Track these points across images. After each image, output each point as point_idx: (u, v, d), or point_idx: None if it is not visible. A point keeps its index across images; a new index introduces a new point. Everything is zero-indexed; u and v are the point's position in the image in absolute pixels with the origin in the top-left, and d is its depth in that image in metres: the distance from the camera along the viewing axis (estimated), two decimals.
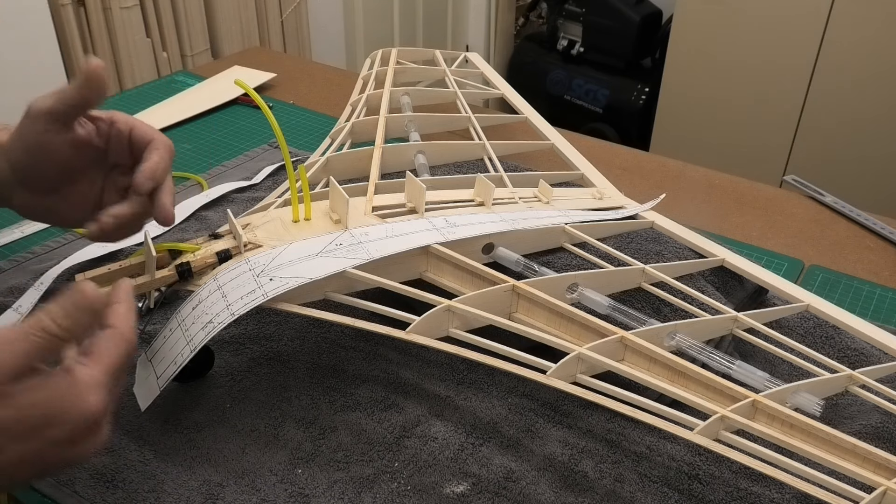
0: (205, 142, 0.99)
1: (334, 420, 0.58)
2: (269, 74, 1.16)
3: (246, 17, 1.82)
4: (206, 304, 0.52)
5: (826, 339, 0.66)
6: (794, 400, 0.50)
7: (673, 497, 0.52)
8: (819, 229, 0.85)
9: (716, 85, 2.09)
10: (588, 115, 2.50)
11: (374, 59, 1.00)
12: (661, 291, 0.61)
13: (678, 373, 0.51)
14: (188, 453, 0.55)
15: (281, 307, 0.53)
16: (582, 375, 0.50)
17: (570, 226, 0.65)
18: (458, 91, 0.92)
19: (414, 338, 0.51)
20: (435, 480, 0.53)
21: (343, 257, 0.54)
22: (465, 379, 0.62)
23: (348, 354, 0.64)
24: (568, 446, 0.56)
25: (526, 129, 0.92)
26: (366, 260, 0.54)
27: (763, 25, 1.96)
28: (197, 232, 0.79)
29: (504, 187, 0.71)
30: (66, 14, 1.44)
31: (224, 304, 0.51)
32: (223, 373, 0.62)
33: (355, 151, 0.74)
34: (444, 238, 0.58)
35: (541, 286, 0.55)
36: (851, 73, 1.89)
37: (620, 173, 0.92)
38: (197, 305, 0.52)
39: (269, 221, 0.59)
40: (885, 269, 0.78)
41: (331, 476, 0.53)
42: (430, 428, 0.57)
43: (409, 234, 0.58)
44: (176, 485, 0.52)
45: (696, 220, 0.80)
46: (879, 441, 0.56)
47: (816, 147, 2.00)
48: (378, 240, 0.57)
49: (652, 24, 2.39)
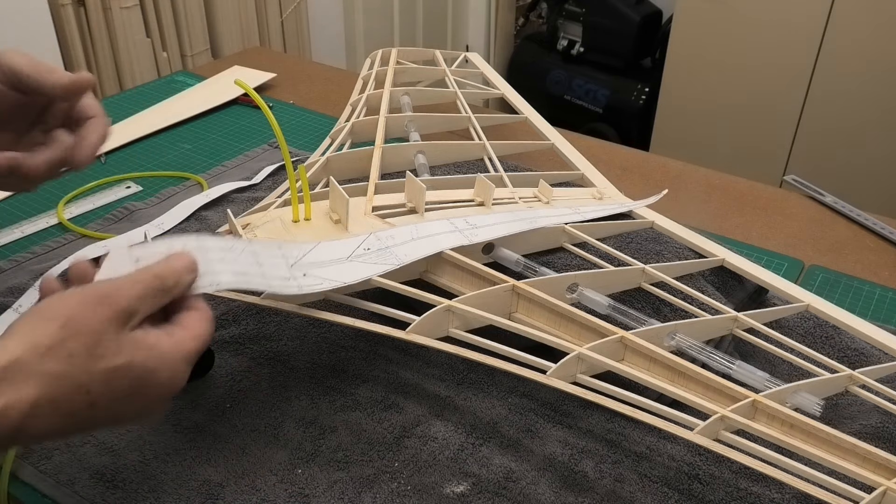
0: (205, 142, 0.99)
1: (334, 420, 0.58)
2: (269, 74, 1.16)
3: (246, 17, 1.82)
4: (236, 257, 0.50)
5: (826, 339, 0.66)
6: (794, 400, 0.50)
7: (673, 497, 0.52)
8: (819, 229, 0.85)
9: (716, 85, 2.09)
10: (588, 115, 2.49)
11: (374, 60, 1.00)
12: (661, 291, 0.61)
13: (678, 373, 0.51)
14: (188, 453, 0.55)
15: (281, 307, 0.53)
16: (582, 375, 0.50)
17: (570, 226, 0.65)
18: (458, 91, 0.92)
19: (414, 338, 0.51)
20: (435, 480, 0.53)
21: (373, 263, 0.55)
22: (465, 379, 0.62)
23: (348, 354, 0.64)
24: (568, 446, 0.56)
25: (526, 129, 0.92)
26: (395, 266, 0.55)
27: (763, 25, 1.96)
28: (197, 232, 0.79)
29: (504, 187, 0.71)
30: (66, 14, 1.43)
31: (258, 270, 0.50)
32: (223, 373, 0.62)
33: (355, 151, 0.74)
34: (468, 241, 0.58)
35: (541, 286, 0.55)
36: (851, 73, 1.89)
37: (620, 173, 0.92)
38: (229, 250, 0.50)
39: (269, 221, 0.59)
40: (885, 269, 0.78)
41: (331, 476, 0.53)
42: (430, 428, 0.57)
43: (435, 236, 0.58)
44: (176, 485, 0.52)
45: (696, 220, 0.80)
46: (879, 441, 0.56)
47: (816, 147, 2.00)
48: (405, 243, 0.57)
49: (652, 24, 2.39)
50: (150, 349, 0.40)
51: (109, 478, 0.53)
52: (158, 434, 0.56)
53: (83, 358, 0.38)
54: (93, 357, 0.38)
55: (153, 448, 0.55)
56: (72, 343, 0.38)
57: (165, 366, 0.40)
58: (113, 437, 0.56)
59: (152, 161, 0.94)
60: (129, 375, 0.39)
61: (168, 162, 0.94)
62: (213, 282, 0.46)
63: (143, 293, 0.41)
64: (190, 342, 0.42)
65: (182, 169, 0.92)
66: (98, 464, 0.54)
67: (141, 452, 0.55)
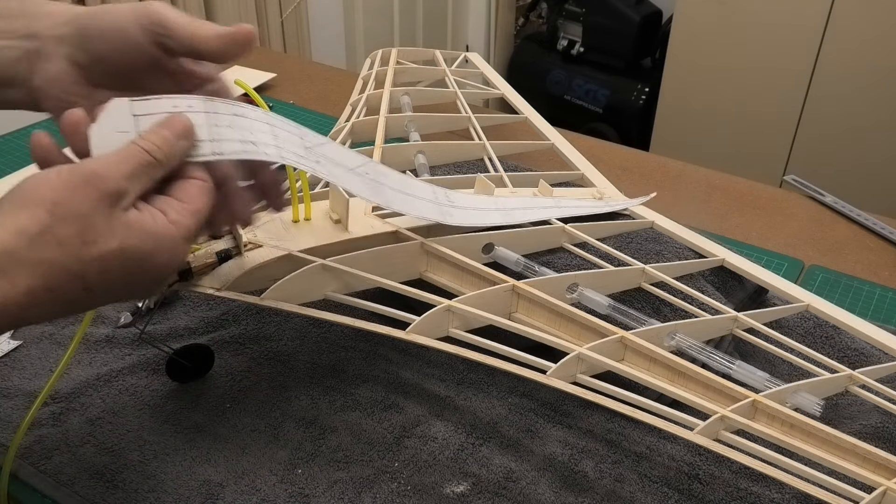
0: None
1: (334, 420, 0.58)
2: (269, 74, 1.16)
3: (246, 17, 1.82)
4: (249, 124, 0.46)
5: (826, 339, 0.66)
6: (794, 400, 0.50)
7: (673, 497, 0.52)
8: (819, 229, 0.85)
9: (716, 85, 2.09)
10: (588, 115, 2.49)
11: (374, 60, 1.00)
12: (661, 291, 0.61)
13: (678, 373, 0.51)
14: (188, 453, 0.55)
15: (281, 307, 0.53)
16: (582, 375, 0.50)
17: (570, 226, 0.65)
18: (458, 91, 0.92)
19: (414, 338, 0.51)
20: (435, 480, 0.53)
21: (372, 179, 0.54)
22: (465, 379, 0.62)
23: (348, 354, 0.64)
24: (568, 446, 0.56)
25: (526, 129, 0.92)
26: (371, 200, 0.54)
27: (763, 25, 1.96)
28: None
29: (504, 187, 0.71)
30: None
31: (272, 138, 0.46)
32: (223, 373, 0.62)
33: (355, 151, 0.73)
34: (441, 217, 0.58)
35: (541, 286, 0.55)
36: (851, 73, 1.89)
37: (620, 173, 0.92)
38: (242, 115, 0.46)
39: (269, 221, 0.59)
40: (885, 269, 0.78)
41: (331, 476, 0.53)
42: (430, 428, 0.57)
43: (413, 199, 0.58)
44: (176, 485, 0.52)
45: (696, 220, 0.80)
46: (879, 441, 0.56)
47: (816, 147, 2.00)
48: (393, 190, 0.56)
49: (652, 24, 2.39)
50: (145, 231, 0.38)
51: (109, 478, 0.53)
52: (158, 434, 0.56)
53: (74, 246, 0.36)
54: (85, 244, 0.36)
55: (153, 448, 0.55)
56: (60, 230, 0.36)
57: (163, 247, 0.39)
58: (113, 437, 0.56)
59: None
60: (123, 260, 0.37)
61: None
62: (216, 150, 0.42)
63: (133, 171, 0.38)
64: (188, 219, 0.40)
65: None
66: (98, 464, 0.54)
67: (141, 452, 0.55)
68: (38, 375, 0.61)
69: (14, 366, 0.62)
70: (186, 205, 0.40)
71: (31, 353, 0.63)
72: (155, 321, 0.67)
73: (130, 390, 0.60)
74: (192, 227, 0.40)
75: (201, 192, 0.41)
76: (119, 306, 0.68)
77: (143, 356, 0.63)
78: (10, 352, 0.63)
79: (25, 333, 0.65)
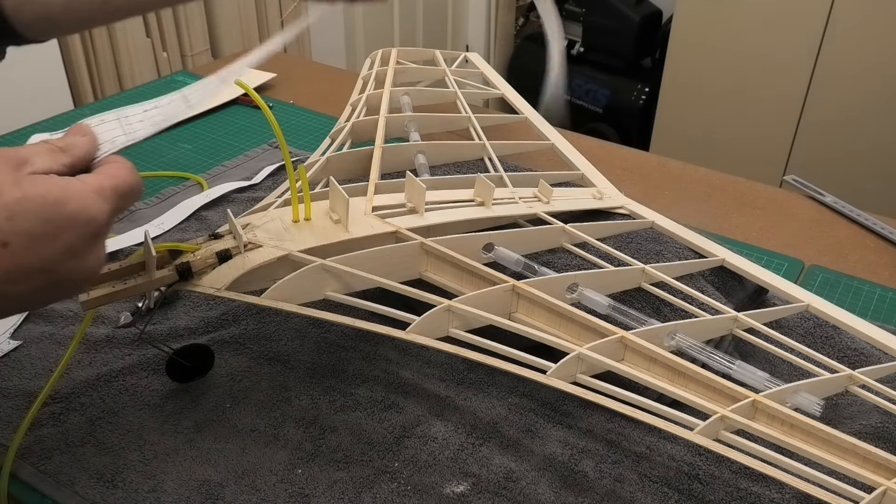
0: (205, 142, 0.99)
1: (334, 420, 0.58)
2: (269, 74, 1.16)
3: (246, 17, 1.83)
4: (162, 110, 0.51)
5: (826, 339, 0.66)
6: (794, 400, 0.50)
7: (673, 497, 0.52)
8: (819, 229, 0.85)
9: (716, 85, 2.09)
10: (588, 115, 2.50)
11: (374, 60, 1.00)
12: (661, 291, 0.61)
13: (678, 373, 0.51)
14: (188, 453, 0.55)
15: (281, 307, 0.53)
16: (582, 375, 0.50)
17: (570, 226, 0.65)
18: (458, 91, 0.92)
19: (414, 338, 0.51)
20: (435, 480, 0.53)
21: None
22: (465, 379, 0.62)
23: (348, 354, 0.64)
24: (568, 446, 0.56)
25: (526, 129, 0.92)
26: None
27: (763, 25, 1.96)
28: (197, 232, 0.79)
29: (504, 187, 0.71)
30: None
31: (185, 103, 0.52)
32: (223, 373, 0.62)
33: (355, 151, 0.74)
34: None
35: (541, 286, 0.55)
36: (851, 75, 1.89)
37: (620, 173, 0.92)
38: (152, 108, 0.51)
39: (269, 221, 0.59)
40: (885, 269, 0.78)
41: (331, 476, 0.53)
42: (430, 428, 0.57)
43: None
44: (176, 485, 0.52)
45: (696, 220, 0.80)
46: (879, 441, 0.56)
47: (816, 147, 2.00)
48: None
49: (652, 24, 2.39)
50: (51, 181, 0.40)
51: (109, 478, 0.53)
52: (158, 434, 0.56)
53: None
54: None
55: (153, 448, 0.55)
56: None
57: (71, 196, 0.40)
58: (113, 437, 0.56)
59: (152, 161, 0.94)
60: (30, 206, 0.38)
61: (168, 162, 0.94)
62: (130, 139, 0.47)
63: (38, 149, 0.42)
64: (103, 179, 0.42)
65: (182, 169, 0.92)
66: (98, 464, 0.54)
67: (141, 452, 0.55)
68: (38, 375, 0.61)
69: (14, 366, 0.62)
70: (102, 173, 0.43)
71: (31, 353, 0.63)
72: (155, 321, 0.67)
73: (130, 390, 0.60)
74: (105, 186, 0.42)
75: (120, 167, 0.44)
76: (119, 306, 0.68)
77: (143, 356, 0.63)
78: (10, 352, 0.63)
79: (25, 333, 0.65)
